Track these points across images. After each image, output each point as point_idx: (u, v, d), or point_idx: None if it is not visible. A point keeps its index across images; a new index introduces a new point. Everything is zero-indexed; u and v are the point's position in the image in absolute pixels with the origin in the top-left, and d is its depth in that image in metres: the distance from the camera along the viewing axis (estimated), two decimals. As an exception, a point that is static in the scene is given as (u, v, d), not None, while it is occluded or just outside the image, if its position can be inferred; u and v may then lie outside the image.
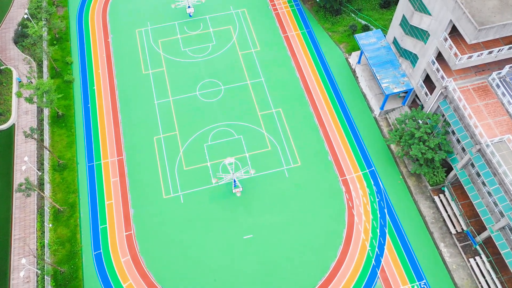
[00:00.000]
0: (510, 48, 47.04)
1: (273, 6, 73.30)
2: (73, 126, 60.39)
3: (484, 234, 48.65)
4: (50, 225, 52.48)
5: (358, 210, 53.61)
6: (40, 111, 61.33)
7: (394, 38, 59.21)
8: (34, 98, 55.96)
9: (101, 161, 57.60)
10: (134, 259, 50.80)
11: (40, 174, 55.98)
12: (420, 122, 52.20)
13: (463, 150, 49.81)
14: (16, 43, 67.90)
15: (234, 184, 53.37)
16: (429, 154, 50.17)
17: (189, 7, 69.63)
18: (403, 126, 53.93)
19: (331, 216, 53.26)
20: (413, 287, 48.87)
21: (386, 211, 53.47)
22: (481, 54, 46.68)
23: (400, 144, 55.04)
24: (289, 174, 56.31)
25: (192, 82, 64.55)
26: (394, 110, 60.08)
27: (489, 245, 49.51)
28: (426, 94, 54.14)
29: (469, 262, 49.53)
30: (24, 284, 49.10)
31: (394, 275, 49.57)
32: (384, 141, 58.15)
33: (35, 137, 53.41)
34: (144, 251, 51.22)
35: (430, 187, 54.24)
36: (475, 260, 49.46)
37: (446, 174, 53.50)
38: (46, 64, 65.50)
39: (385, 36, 63.25)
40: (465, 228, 50.95)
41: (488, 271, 48.28)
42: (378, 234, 51.91)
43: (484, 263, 48.86)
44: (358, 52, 65.67)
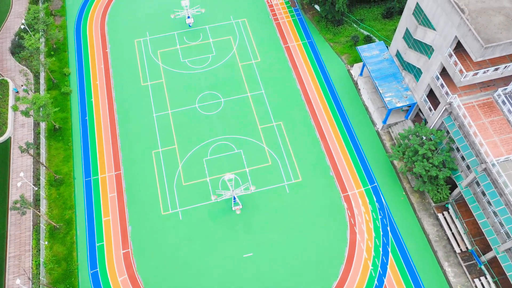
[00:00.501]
0: (517, 64, 46.06)
1: (273, 16, 72.26)
2: (70, 140, 59.32)
3: (489, 254, 47.55)
4: (46, 242, 51.39)
5: (361, 227, 52.53)
6: (36, 124, 60.27)
7: (397, 51, 58.14)
8: (31, 112, 54.91)
9: (98, 176, 56.53)
10: (131, 278, 49.72)
11: (36, 189, 54.93)
12: (423, 138, 51.13)
13: (468, 168, 48.73)
14: (13, 54, 66.89)
15: (234, 201, 52.29)
16: (433, 172, 49.08)
17: (188, 18, 68.56)
18: (406, 141, 52.87)
19: (333, 233, 52.18)
20: (416, 308, 47.89)
21: (389, 229, 52.39)
22: (487, 71, 45.58)
23: (403, 160, 53.97)
24: (290, 190, 55.24)
25: (191, 94, 63.51)
26: (396, 124, 59.01)
27: (494, 264, 48.45)
28: (430, 109, 53.06)
29: (474, 282, 48.44)
30: (19, 304, 48.12)
31: (397, 296, 48.59)
32: (387, 156, 57.06)
33: (31, 153, 52.35)
34: (141, 270, 50.12)
35: (433, 204, 53.16)
36: (480, 280, 48.38)
37: (450, 191, 52.44)
38: (43, 75, 64.47)
39: (388, 48, 62.20)
40: (469, 247, 49.84)
41: (493, 292, 47.30)
42: (381, 252, 50.81)
43: (489, 284, 47.77)
44: (360, 63, 64.63)
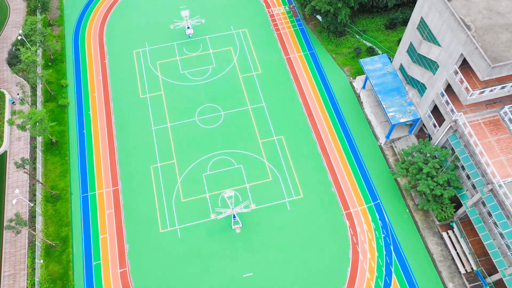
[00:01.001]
0: (524, 82, 44.89)
1: (275, 26, 71.14)
2: (67, 154, 58.22)
3: (495, 276, 46.42)
4: (42, 261, 50.29)
5: (363, 246, 51.36)
6: (33, 138, 59.12)
7: (401, 65, 56.98)
8: (27, 126, 53.81)
9: (95, 191, 55.42)
10: (128, 299, 48.68)
11: (32, 205, 53.80)
12: (428, 155, 49.96)
13: (474, 187, 47.56)
14: (9, 64, 65.79)
15: (234, 219, 51.14)
16: (437, 191, 47.91)
17: (188, 28, 67.44)
18: (410, 158, 51.72)
19: (335, 253, 51.02)
20: (420, 331, 46.71)
21: (392, 248, 51.22)
22: (493, 89, 44.44)
23: (407, 177, 52.81)
24: (291, 207, 54.09)
25: (191, 107, 62.39)
26: (400, 139, 57.87)
27: (500, 286, 47.29)
28: (435, 125, 51.89)
29: (479, 304, 47.34)
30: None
31: (401, 318, 47.42)
32: (390, 172, 55.86)
33: (27, 169, 51.24)
34: (139, 290, 49.09)
35: (438, 222, 52.00)
36: (486, 302, 47.29)
37: (455, 210, 51.29)
38: (40, 87, 63.40)
39: (391, 61, 61.09)
40: (475, 267, 48.68)
41: (499, 316, 46.10)
42: (384, 273, 49.64)
43: (495, 307, 46.66)
44: (363, 76, 63.49)
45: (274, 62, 67.10)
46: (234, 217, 50.81)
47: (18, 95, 62.27)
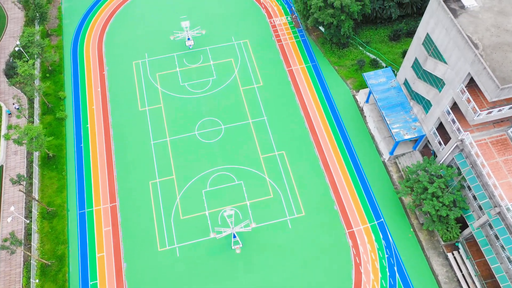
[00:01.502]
0: (533, 101, 43.64)
1: (276, 37, 69.95)
2: (64, 169, 57.07)
3: (502, 300, 45.11)
4: (37, 280, 49.16)
5: (366, 267, 50.12)
6: (30, 152, 58.04)
7: (406, 80, 55.73)
8: (24, 141, 52.67)
9: (93, 208, 54.28)
10: (125, 320, 47.51)
11: (28, 222, 52.69)
12: (433, 174, 48.72)
13: (480, 208, 46.29)
14: (7, 76, 64.73)
15: (234, 238, 49.94)
16: (443, 212, 46.66)
17: (188, 39, 66.29)
18: (415, 177, 50.47)
19: (337, 273, 49.76)
20: None
21: (396, 269, 49.97)
22: (502, 109, 43.17)
23: (411, 196, 51.57)
24: (292, 225, 52.87)
25: (190, 121, 61.21)
26: (404, 155, 56.61)
27: (507, 310, 45.99)
28: (440, 143, 50.64)
29: (485, 329, 46.06)
30: None
31: None
32: (393, 190, 54.60)
33: (23, 186, 50.12)
34: (136, 311, 47.94)
35: (443, 243, 50.74)
36: (492, 327, 46.00)
37: (460, 230, 50.02)
38: (37, 99, 62.30)
39: (395, 73, 59.85)
40: (481, 290, 47.45)
41: None
42: (388, 295, 48.48)
43: (502, 332, 45.32)
44: (366, 90, 62.26)
45: (275, 74, 65.90)
46: (234, 236, 49.63)
47: (14, 105, 61.27)
